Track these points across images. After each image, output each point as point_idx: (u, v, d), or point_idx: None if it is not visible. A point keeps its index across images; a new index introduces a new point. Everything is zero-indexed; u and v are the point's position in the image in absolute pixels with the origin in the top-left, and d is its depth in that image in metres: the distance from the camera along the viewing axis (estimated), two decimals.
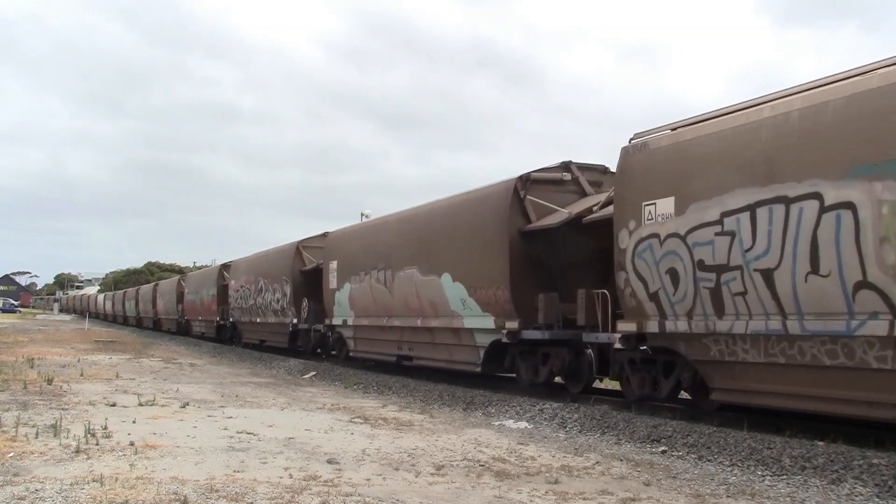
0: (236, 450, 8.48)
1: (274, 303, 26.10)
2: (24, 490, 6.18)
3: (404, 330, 17.48)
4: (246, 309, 29.76)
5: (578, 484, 7.31)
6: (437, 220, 16.32)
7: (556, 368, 13.40)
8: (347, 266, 20.09)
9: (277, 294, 25.80)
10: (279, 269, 25.87)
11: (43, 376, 15.46)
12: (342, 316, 20.58)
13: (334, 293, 20.85)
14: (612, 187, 12.63)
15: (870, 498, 6.97)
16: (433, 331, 16.24)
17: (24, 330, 42.92)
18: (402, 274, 17.06)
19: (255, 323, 28.95)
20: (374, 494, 6.54)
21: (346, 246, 20.88)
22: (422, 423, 11.23)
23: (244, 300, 29.78)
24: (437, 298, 15.68)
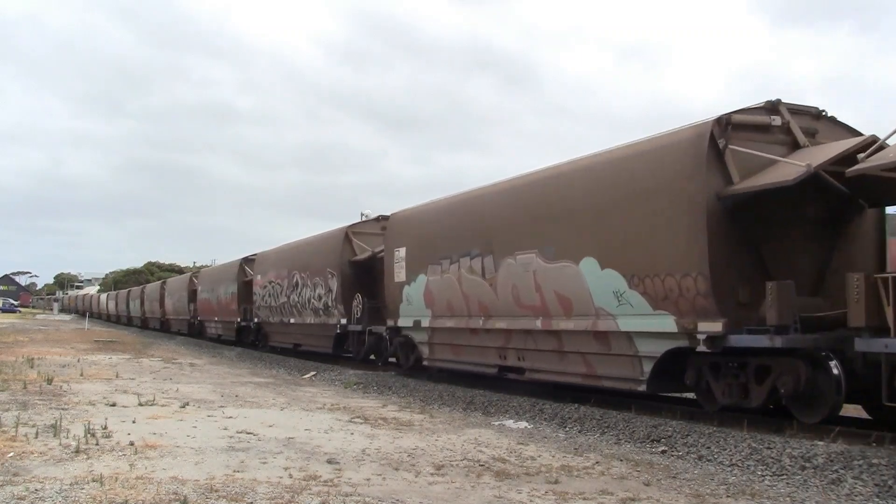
0: (236, 450, 8.48)
1: (315, 300, 22.51)
2: (24, 490, 6.18)
3: (511, 334, 13.68)
4: (276, 308, 26.20)
5: (578, 484, 7.31)
6: (574, 187, 12.30)
7: (786, 388, 9.42)
8: (422, 253, 16.42)
9: (320, 290, 22.13)
10: (323, 260, 22.14)
11: (43, 376, 15.46)
12: (413, 315, 16.91)
13: (402, 288, 17.20)
14: (830, 135, 10.59)
15: (870, 498, 6.97)
16: (562, 335, 12.39)
17: (23, 330, 42.92)
18: (512, 261, 13.29)
19: (287, 324, 25.36)
20: (374, 494, 6.54)
21: (419, 228, 17.04)
22: (422, 423, 11.23)
23: (273, 298, 26.28)
24: (572, 291, 11.93)
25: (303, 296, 23.54)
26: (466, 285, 14.75)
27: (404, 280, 17.12)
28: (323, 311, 22.09)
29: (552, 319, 12.49)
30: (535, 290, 12.78)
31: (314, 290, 22.55)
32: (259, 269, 28.55)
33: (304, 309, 23.60)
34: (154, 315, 50.77)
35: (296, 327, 24.79)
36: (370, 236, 20.94)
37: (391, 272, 17.74)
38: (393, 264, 17.70)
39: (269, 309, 26.98)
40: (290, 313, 24.91)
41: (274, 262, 26.97)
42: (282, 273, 25.60)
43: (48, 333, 39.74)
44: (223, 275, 34.44)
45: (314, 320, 22.90)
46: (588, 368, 12.08)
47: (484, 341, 14.59)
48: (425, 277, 16.25)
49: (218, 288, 34.38)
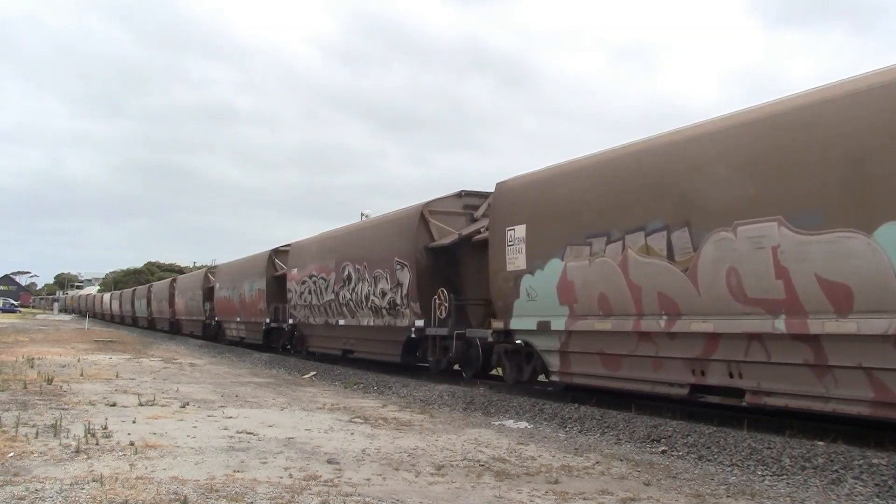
0: (236, 450, 8.48)
1: (376, 297, 18.44)
2: (24, 490, 6.18)
3: (719, 340, 9.83)
4: (318, 307, 22.11)
5: (578, 484, 7.31)
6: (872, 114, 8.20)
7: None
8: (554, 231, 12.38)
9: (384, 284, 18.05)
10: (389, 247, 18.05)
11: (43, 376, 15.45)
12: (536, 315, 12.78)
13: (518, 279, 13.18)
14: None
15: (870, 498, 6.97)
16: (824, 342, 8.63)
17: (24, 330, 42.92)
18: (729, 234, 9.48)
19: (334, 326, 21.16)
20: (374, 494, 6.54)
21: (548, 197, 12.88)
22: (422, 423, 11.23)
23: (315, 295, 22.24)
24: (853, 276, 8.22)
25: (358, 292, 19.44)
26: (638, 272, 10.83)
27: (523, 268, 12.99)
28: (387, 311, 17.94)
29: (808, 318, 8.68)
30: (774, 275, 8.99)
31: (374, 284, 18.48)
32: (295, 262, 24.29)
33: (359, 308, 19.47)
34: (163, 315, 47.55)
35: (347, 330, 20.62)
36: (450, 216, 17.07)
37: (500, 258, 13.61)
38: (504, 248, 13.50)
39: (310, 308, 22.88)
40: (339, 313, 20.74)
41: (315, 253, 22.76)
42: (327, 265, 21.50)
43: (48, 333, 39.74)
44: (248, 269, 30.04)
45: (374, 322, 18.74)
46: (880, 392, 8.21)
47: (666, 350, 10.62)
48: (561, 263, 12.16)
49: (241, 284, 30.40)
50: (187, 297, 40.84)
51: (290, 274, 24.71)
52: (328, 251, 21.91)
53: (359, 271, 19.53)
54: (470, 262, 16.10)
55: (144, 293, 54.96)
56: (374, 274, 18.57)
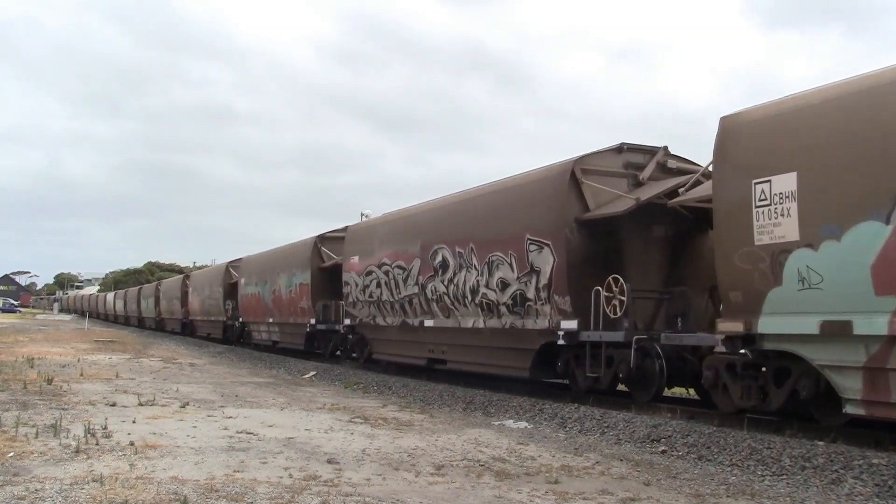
0: (236, 450, 8.48)
1: (491, 290, 14.13)
2: (24, 490, 6.18)
3: None
4: (392, 304, 18.05)
5: (578, 484, 7.31)
6: None
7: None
8: (867, 178, 8.10)
9: (504, 273, 13.75)
10: (516, 221, 13.58)
11: (43, 376, 15.45)
12: (822, 311, 8.51)
13: (780, 257, 8.95)
14: None
15: (870, 498, 6.97)
16: None
17: (24, 330, 42.92)
18: None
19: (418, 328, 17.02)
20: (374, 494, 6.54)
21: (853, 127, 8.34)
22: (422, 423, 11.23)
23: (387, 289, 18.15)
24: None
25: (458, 284, 15.21)
26: None
27: (792, 240, 8.79)
28: (511, 309, 13.67)
29: None
30: None
31: (488, 273, 14.18)
32: (355, 248, 20.25)
33: (458, 305, 15.35)
34: (174, 316, 43.91)
35: (437, 334, 16.49)
36: (607, 177, 12.79)
37: (740, 228, 9.36)
38: (750, 211, 9.24)
39: (378, 305, 18.82)
40: (425, 311, 16.71)
41: (388, 236, 18.59)
42: (407, 250, 17.44)
43: (48, 333, 39.74)
44: (285, 261, 25.82)
45: (486, 323, 14.45)
46: None
47: None
48: (884, 229, 7.89)
49: (274, 279, 26.40)
50: (204, 296, 36.73)
51: (347, 263, 20.50)
52: (409, 232, 17.54)
53: (461, 256, 15.14)
54: (635, 239, 12.47)
55: (152, 291, 51.67)
56: (490, 259, 14.14)
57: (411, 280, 17.13)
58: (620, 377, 12.01)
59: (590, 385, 12.51)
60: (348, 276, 20.37)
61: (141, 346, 32.33)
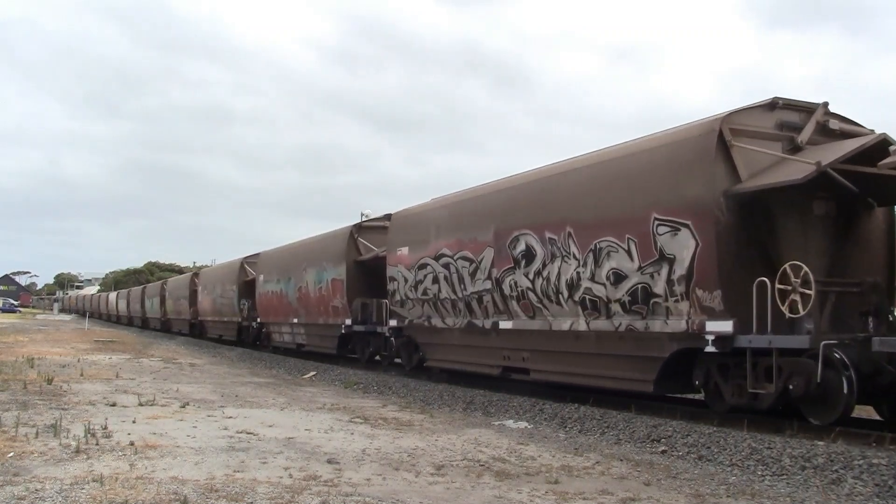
0: (236, 450, 8.48)
1: (598, 283, 11.61)
2: (24, 490, 6.18)
3: None
4: (454, 302, 15.56)
5: (578, 484, 7.31)
6: None
7: None
8: None
9: (620, 262, 11.21)
10: (637, 197, 10.98)
11: (43, 376, 15.46)
12: None
13: None
14: None
15: (870, 498, 6.97)
16: None
17: (24, 330, 42.92)
18: None
19: (489, 331, 14.49)
20: (374, 494, 6.54)
21: None
22: (422, 423, 11.23)
23: (447, 285, 15.68)
24: None
25: (549, 277, 12.64)
26: None
27: None
28: (628, 307, 11.10)
29: None
30: None
31: (594, 263, 11.61)
32: (402, 238, 17.71)
33: (550, 303, 12.70)
34: (181, 316, 41.77)
35: (516, 338, 13.87)
36: (759, 140, 10.31)
37: None
38: None
39: (434, 304, 16.29)
40: (500, 310, 14.16)
41: (447, 223, 16.07)
42: (474, 238, 14.81)
43: (48, 333, 39.74)
44: (313, 255, 23.24)
45: (591, 324, 11.89)
46: None
47: None
48: None
49: (300, 275, 23.83)
50: (215, 294, 33.85)
51: (392, 256, 17.96)
52: (478, 217, 14.81)
53: (552, 244, 12.51)
54: (793, 218, 9.92)
55: (157, 291, 49.08)
56: (596, 246, 11.59)
57: (481, 274, 14.43)
58: (793, 394, 9.31)
59: (743, 404, 9.90)
60: (394, 270, 17.69)
61: (141, 346, 32.33)
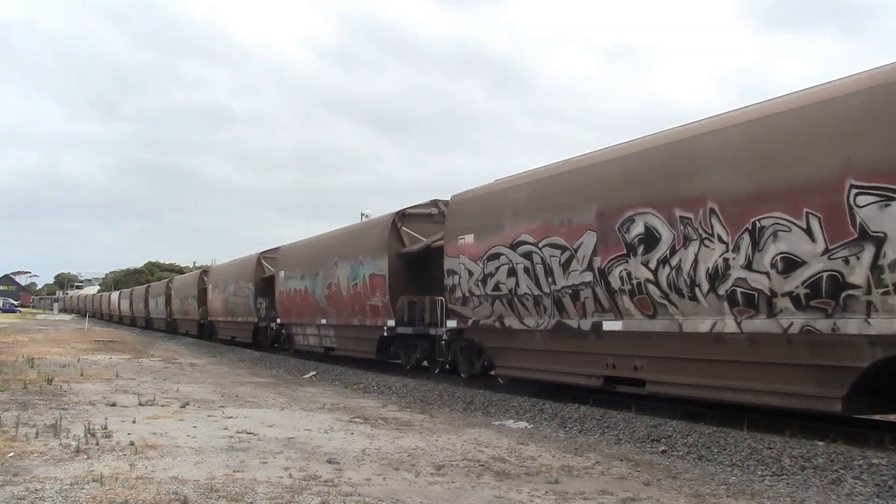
0: (236, 450, 8.49)
1: (759, 271, 9.19)
2: (24, 490, 6.18)
3: None
4: (535, 300, 13.00)
5: (578, 484, 7.31)
6: None
7: None
8: None
9: (787, 244, 8.85)
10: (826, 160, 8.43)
11: (43, 376, 15.46)
12: None
13: None
14: None
15: (870, 498, 6.97)
16: None
17: (24, 330, 42.91)
18: None
19: (586, 334, 12.04)
20: (374, 494, 6.54)
21: None
22: (422, 423, 11.23)
23: (528, 278, 13.07)
24: None
25: (685, 266, 10.17)
26: None
27: None
28: (804, 303, 8.76)
29: None
30: None
31: (751, 247, 9.29)
32: (463, 225, 15.09)
33: (682, 297, 10.27)
34: (188, 316, 39.77)
35: (628, 342, 11.33)
36: None
37: None
38: None
39: (508, 301, 13.69)
40: (608, 308, 11.58)
41: (525, 205, 13.40)
42: (567, 222, 12.24)
43: (48, 333, 39.73)
44: (344, 247, 20.63)
45: (744, 325, 9.48)
46: None
47: None
48: None
49: (330, 270, 21.10)
50: (228, 293, 31.75)
51: (452, 246, 15.36)
52: (574, 194, 12.23)
53: (686, 224, 10.11)
54: None
55: (162, 290, 46.99)
56: (755, 224, 9.16)
57: (578, 264, 11.89)
58: None
59: None
60: (454, 262, 15.14)
61: (141, 346, 32.32)
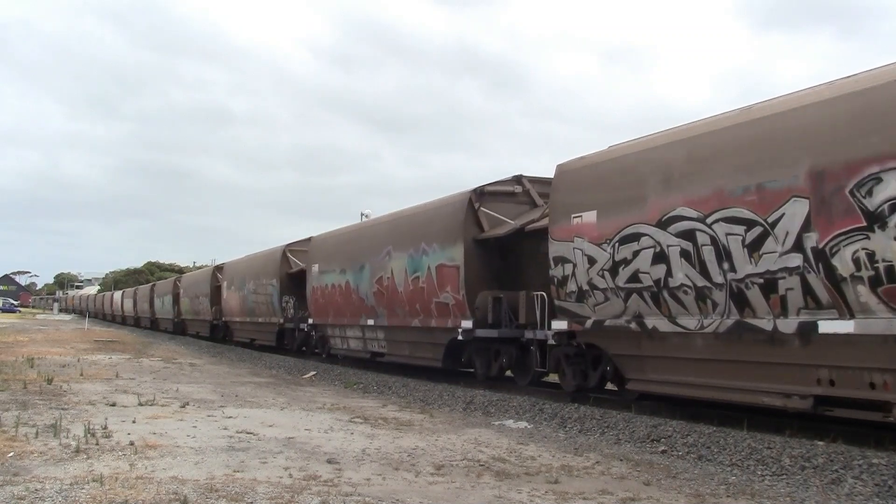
0: (236, 450, 8.48)
1: None
2: (24, 490, 6.18)
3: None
4: (698, 294, 10.12)
5: (578, 484, 7.31)
6: None
7: None
8: None
9: None
10: None
11: (43, 376, 15.46)
12: None
13: None
14: None
15: (870, 498, 6.97)
16: None
17: (24, 330, 42.91)
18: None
19: (789, 340, 9.12)
20: (374, 494, 6.54)
21: None
22: (422, 423, 11.23)
23: (686, 267, 10.20)
24: None
25: None
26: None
27: None
28: None
29: None
30: None
31: None
32: (575, 201, 12.27)
33: None
34: (198, 316, 37.38)
35: (860, 351, 8.48)
36: None
37: None
38: None
39: (651, 295, 10.84)
40: (824, 304, 8.75)
41: (678, 169, 10.52)
42: (748, 187, 9.45)
43: (48, 333, 39.72)
44: (399, 234, 17.79)
45: None
46: None
47: None
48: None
49: (380, 263, 18.21)
50: (246, 291, 28.91)
51: (561, 227, 12.34)
52: (770, 149, 9.32)
53: None
54: None
55: (169, 288, 44.60)
56: None
57: (777, 243, 9.08)
58: None
59: None
60: (565, 247, 12.21)
61: (141, 346, 32.31)
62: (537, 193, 15.63)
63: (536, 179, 15.80)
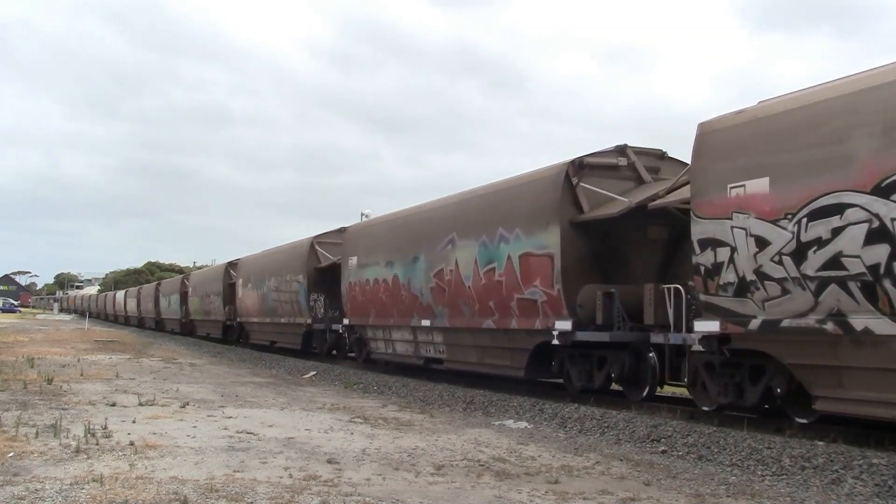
0: (236, 450, 8.48)
1: None
2: (24, 490, 6.18)
3: None
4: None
5: (578, 484, 7.31)
6: None
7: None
8: None
9: None
10: None
11: (43, 376, 15.45)
12: None
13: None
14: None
15: (870, 498, 6.97)
16: None
17: (24, 330, 42.90)
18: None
19: None
20: (374, 494, 6.54)
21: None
22: (422, 423, 11.23)
23: None
24: None
25: None
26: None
27: None
28: None
29: None
30: None
31: None
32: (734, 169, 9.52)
33: None
34: (209, 317, 35.29)
35: None
36: None
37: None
38: None
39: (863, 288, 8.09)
40: None
41: None
42: None
43: (48, 333, 39.71)
44: (464, 220, 15.16)
45: None
46: None
47: None
48: None
49: (440, 254, 15.67)
50: (265, 289, 26.61)
51: (714, 201, 9.71)
52: None
53: None
54: None
55: (176, 287, 42.47)
56: None
57: None
58: None
59: None
60: (719, 226, 9.62)
61: (141, 346, 32.30)
62: (644, 167, 13.20)
63: (643, 151, 13.42)
